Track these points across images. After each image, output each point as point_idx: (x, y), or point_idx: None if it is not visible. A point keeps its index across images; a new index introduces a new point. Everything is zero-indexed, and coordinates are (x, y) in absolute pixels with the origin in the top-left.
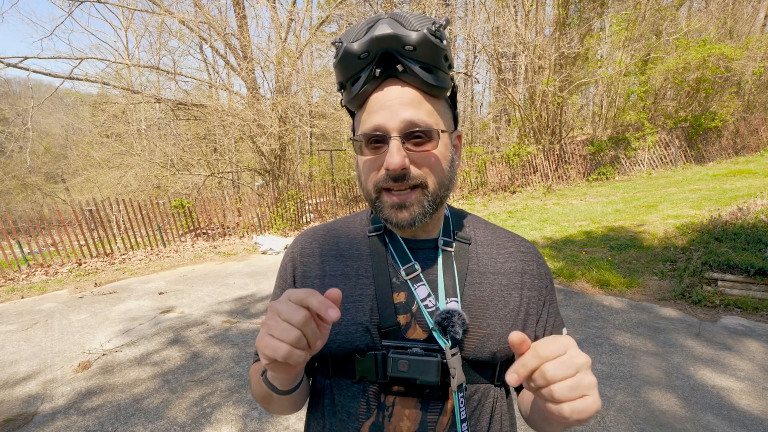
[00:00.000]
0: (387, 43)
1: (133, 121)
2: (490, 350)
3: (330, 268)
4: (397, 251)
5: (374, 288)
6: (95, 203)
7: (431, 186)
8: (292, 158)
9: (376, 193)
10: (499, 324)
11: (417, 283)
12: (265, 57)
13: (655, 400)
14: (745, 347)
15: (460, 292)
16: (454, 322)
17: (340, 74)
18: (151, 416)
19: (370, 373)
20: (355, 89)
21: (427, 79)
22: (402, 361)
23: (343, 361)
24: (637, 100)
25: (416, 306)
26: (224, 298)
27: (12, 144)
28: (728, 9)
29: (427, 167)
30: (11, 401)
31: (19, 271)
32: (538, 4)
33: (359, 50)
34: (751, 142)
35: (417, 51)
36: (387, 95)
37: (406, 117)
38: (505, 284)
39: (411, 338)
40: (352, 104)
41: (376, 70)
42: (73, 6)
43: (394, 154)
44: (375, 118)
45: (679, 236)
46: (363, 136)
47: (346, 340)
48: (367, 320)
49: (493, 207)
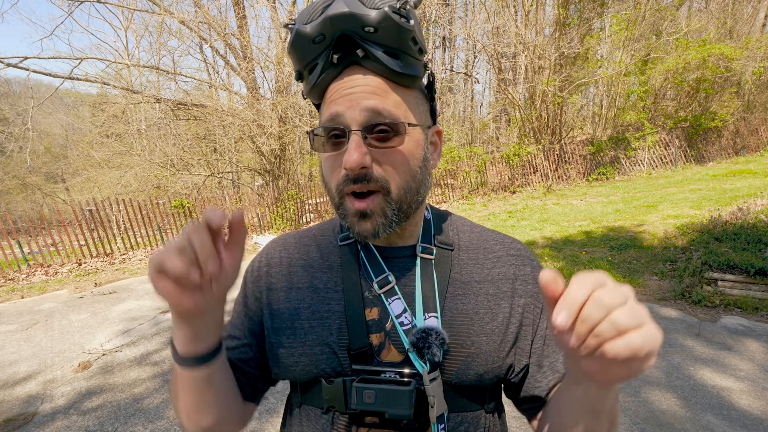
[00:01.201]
0: (343, 24)
1: (133, 121)
2: (476, 372)
3: (297, 279)
4: (371, 261)
5: (344, 303)
6: (95, 203)
7: (394, 191)
8: (292, 158)
9: (339, 197)
10: (485, 341)
11: (391, 297)
12: (265, 57)
13: (655, 400)
14: (745, 347)
15: (440, 305)
16: (431, 342)
17: (296, 61)
18: (151, 416)
19: (339, 403)
20: (312, 79)
21: (393, 65)
22: (367, 392)
23: (310, 385)
24: (637, 100)
25: (390, 323)
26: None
27: (12, 144)
28: (728, 9)
29: (390, 166)
30: (11, 401)
31: (19, 271)
32: (538, 4)
33: (312, 33)
34: (751, 142)
35: (378, 33)
36: (347, 84)
37: (368, 106)
38: (492, 293)
39: (385, 361)
40: (312, 96)
41: (334, 57)
42: (73, 6)
43: (353, 151)
44: (333, 110)
45: (679, 236)
46: (321, 130)
47: (310, 362)
48: (334, 341)
49: (493, 207)
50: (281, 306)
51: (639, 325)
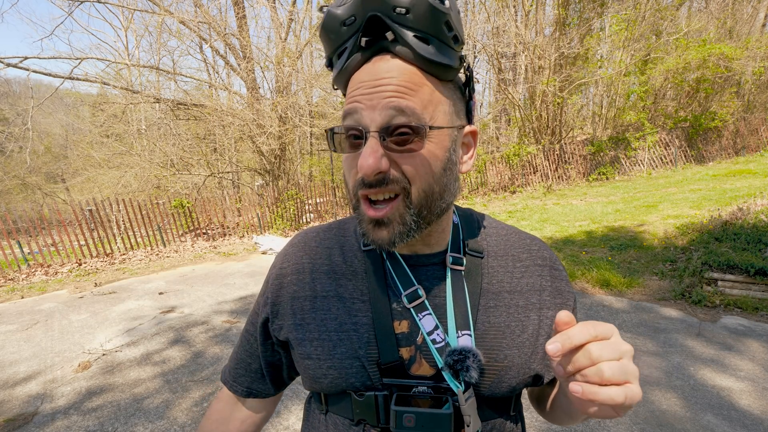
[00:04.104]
0: (373, 4)
1: (132, 121)
2: (509, 384)
3: (321, 287)
4: (397, 271)
5: (372, 315)
6: (95, 203)
7: (414, 194)
8: (292, 158)
9: (355, 199)
10: (517, 354)
11: (422, 312)
12: (265, 57)
13: (655, 399)
14: (745, 347)
15: (473, 320)
16: (469, 366)
17: (326, 46)
18: (152, 416)
19: (371, 417)
20: (339, 64)
21: (424, 51)
22: (407, 416)
23: (339, 398)
24: (637, 100)
25: (421, 337)
26: (224, 298)
27: (12, 144)
28: (728, 9)
29: (411, 168)
30: (11, 401)
31: (19, 271)
32: (538, 4)
33: (344, 14)
34: (751, 142)
35: (410, 15)
36: (370, 73)
37: (390, 104)
38: (522, 305)
39: (416, 374)
40: (339, 83)
41: (363, 39)
42: (73, 6)
43: (368, 156)
44: (352, 106)
45: (679, 236)
46: (338, 129)
47: (339, 375)
48: (363, 354)
49: (493, 207)
50: (306, 316)
51: (623, 381)
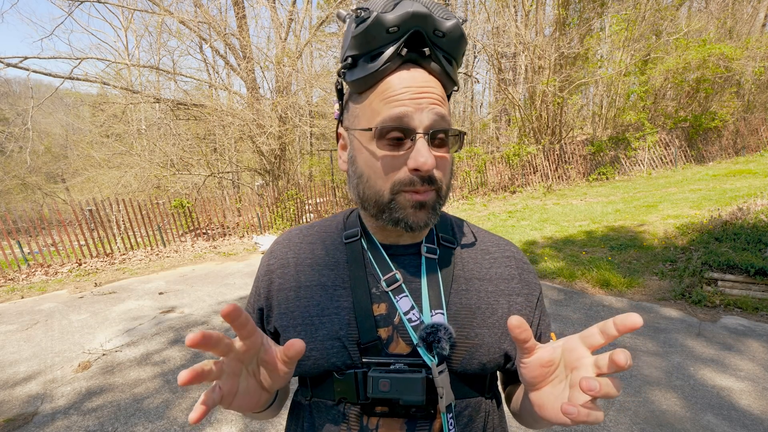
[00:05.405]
0: (421, 22)
1: (133, 121)
2: (480, 361)
3: (305, 278)
4: (377, 258)
5: (352, 299)
6: (95, 203)
7: (443, 190)
8: (292, 158)
9: (392, 194)
10: (487, 333)
11: (399, 294)
12: (265, 57)
13: (655, 399)
14: (745, 347)
15: (445, 301)
16: (441, 337)
17: (359, 46)
18: (152, 416)
19: (351, 394)
20: (373, 66)
21: (449, 70)
22: (383, 380)
23: (321, 379)
24: (637, 100)
25: (398, 318)
26: (224, 298)
27: (12, 144)
28: (728, 9)
29: (441, 170)
30: (11, 401)
31: (19, 271)
32: (538, 4)
33: (390, 23)
34: (751, 142)
35: (445, 39)
36: (414, 80)
37: (436, 111)
38: (491, 291)
39: (394, 353)
40: (359, 84)
41: (403, 49)
42: (73, 6)
43: (425, 154)
44: (400, 110)
45: (679, 236)
46: (382, 127)
47: (321, 356)
48: (344, 335)
49: (493, 207)
50: (291, 304)
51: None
